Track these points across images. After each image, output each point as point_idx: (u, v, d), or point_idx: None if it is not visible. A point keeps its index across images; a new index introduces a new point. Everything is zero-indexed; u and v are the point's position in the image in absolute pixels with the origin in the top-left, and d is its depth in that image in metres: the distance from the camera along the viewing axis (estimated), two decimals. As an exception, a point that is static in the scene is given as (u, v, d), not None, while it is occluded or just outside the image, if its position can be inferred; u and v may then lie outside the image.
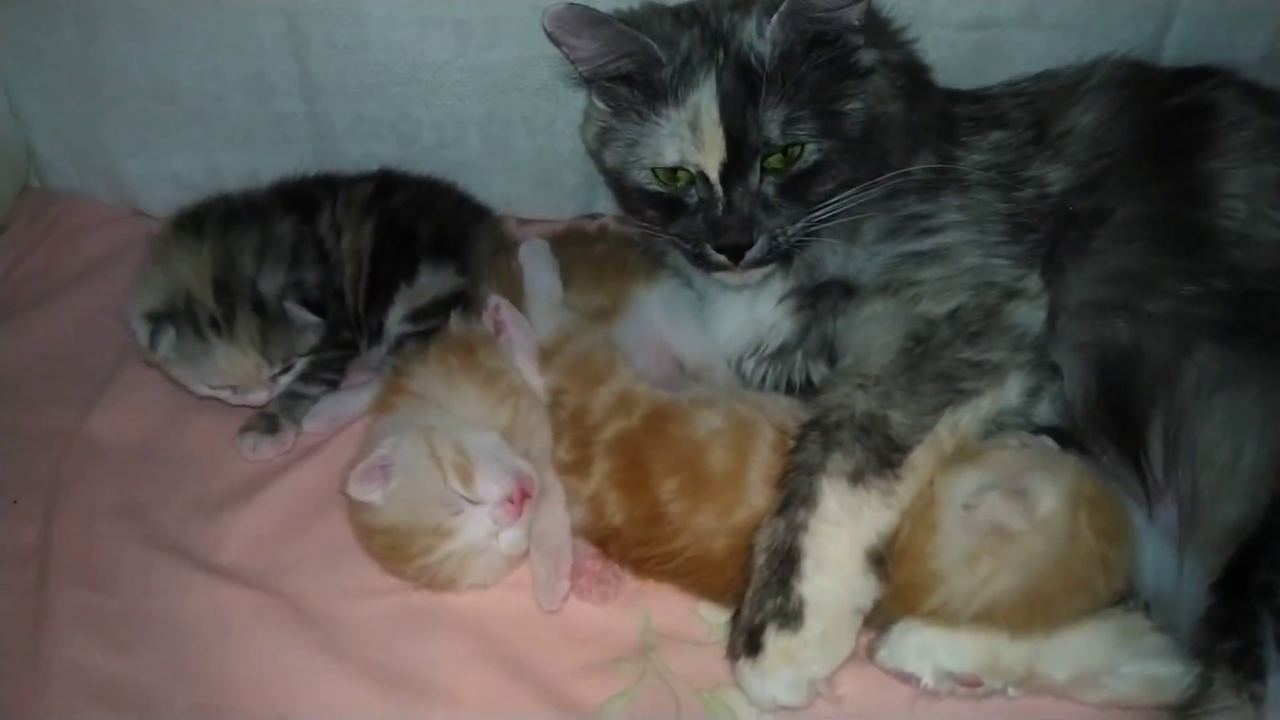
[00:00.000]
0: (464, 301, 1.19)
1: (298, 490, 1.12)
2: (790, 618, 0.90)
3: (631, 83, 1.03)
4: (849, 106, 0.99)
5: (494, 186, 1.37)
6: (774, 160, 0.99)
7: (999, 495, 0.89)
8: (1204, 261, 0.97)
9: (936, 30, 1.21)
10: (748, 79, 0.98)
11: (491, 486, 0.98)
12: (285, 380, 1.17)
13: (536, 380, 1.07)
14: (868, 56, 1.01)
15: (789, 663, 0.90)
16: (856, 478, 0.92)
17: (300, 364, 1.18)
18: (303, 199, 1.27)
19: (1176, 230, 0.99)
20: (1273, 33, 1.24)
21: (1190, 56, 1.18)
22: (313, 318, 1.15)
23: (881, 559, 0.92)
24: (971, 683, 0.92)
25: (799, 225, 1.01)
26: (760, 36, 0.98)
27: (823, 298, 1.06)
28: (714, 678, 0.95)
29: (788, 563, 0.91)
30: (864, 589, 0.91)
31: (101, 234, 1.42)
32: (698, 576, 0.98)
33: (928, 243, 1.03)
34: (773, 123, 0.97)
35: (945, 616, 0.91)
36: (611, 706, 0.94)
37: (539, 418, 1.06)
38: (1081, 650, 0.93)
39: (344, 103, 1.31)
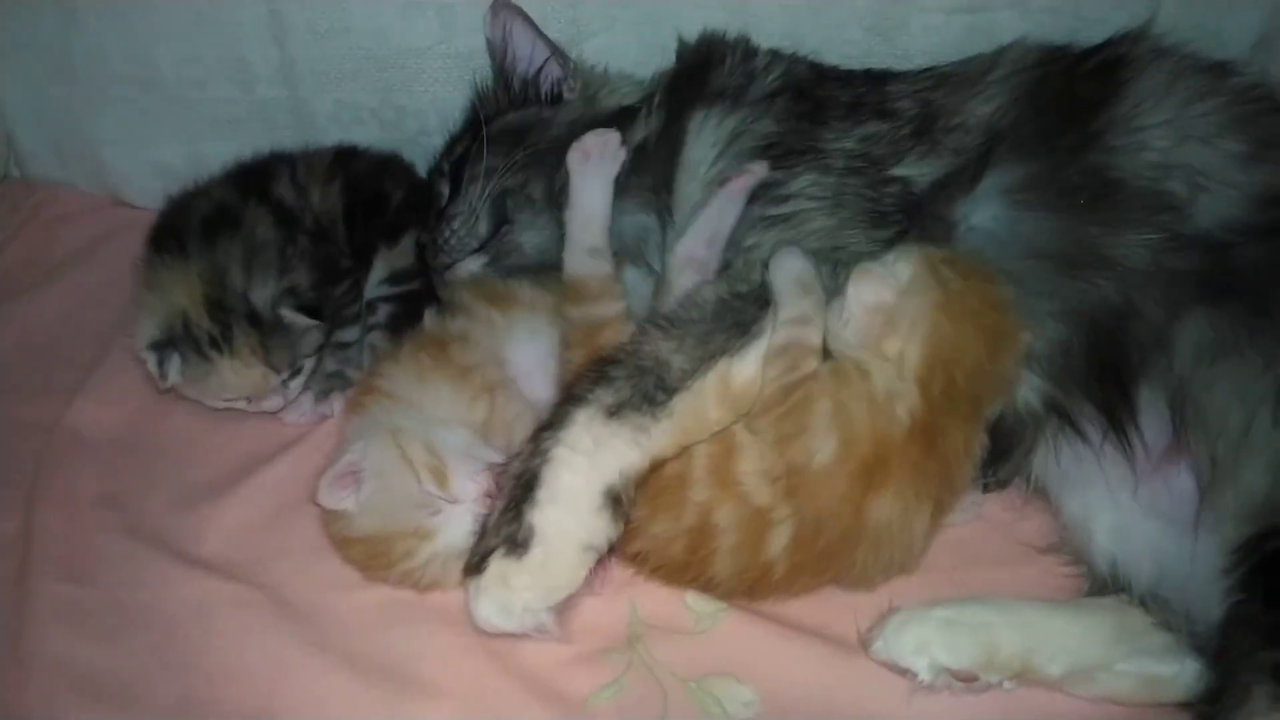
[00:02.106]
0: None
1: (280, 481, 1.11)
2: (517, 545, 0.89)
3: None
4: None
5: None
6: None
7: (856, 279, 0.94)
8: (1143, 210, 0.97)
9: (925, 14, 1.20)
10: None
11: (467, 484, 0.96)
12: (296, 384, 1.16)
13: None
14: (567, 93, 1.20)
15: (502, 585, 0.89)
16: (614, 411, 0.91)
17: (308, 365, 1.16)
18: (260, 172, 1.25)
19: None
20: (1265, 14, 1.23)
21: (1179, 40, 1.16)
22: (310, 321, 1.13)
23: (619, 501, 0.90)
24: (967, 678, 0.91)
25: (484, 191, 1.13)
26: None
27: None
28: (701, 667, 0.95)
29: (526, 489, 0.90)
30: (595, 526, 0.90)
31: (83, 224, 1.41)
32: (666, 572, 0.97)
33: (777, 210, 1.03)
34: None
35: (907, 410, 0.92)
36: (599, 697, 0.93)
37: (518, 410, 1.05)
38: (1077, 646, 0.93)
39: (326, 89, 1.31)
